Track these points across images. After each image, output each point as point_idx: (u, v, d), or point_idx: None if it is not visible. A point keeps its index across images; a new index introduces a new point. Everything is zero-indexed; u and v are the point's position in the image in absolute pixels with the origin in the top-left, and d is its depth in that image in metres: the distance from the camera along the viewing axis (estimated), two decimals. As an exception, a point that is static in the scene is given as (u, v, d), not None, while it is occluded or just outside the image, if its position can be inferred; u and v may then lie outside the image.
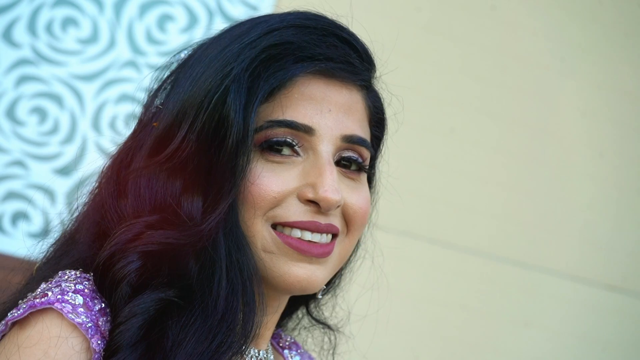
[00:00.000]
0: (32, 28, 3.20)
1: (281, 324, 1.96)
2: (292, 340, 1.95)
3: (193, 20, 3.30)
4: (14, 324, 1.55)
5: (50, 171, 3.15)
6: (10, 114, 3.16)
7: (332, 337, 1.98)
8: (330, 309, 1.96)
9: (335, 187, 1.62)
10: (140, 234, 1.56)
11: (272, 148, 1.65)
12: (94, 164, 1.75)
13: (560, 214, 3.63)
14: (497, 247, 3.56)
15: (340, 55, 1.68)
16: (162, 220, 1.58)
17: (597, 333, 3.62)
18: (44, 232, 3.03)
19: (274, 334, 1.93)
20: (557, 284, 3.60)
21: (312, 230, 1.65)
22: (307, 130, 1.65)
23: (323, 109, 1.66)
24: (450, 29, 3.55)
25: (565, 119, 3.64)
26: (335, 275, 1.88)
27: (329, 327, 1.96)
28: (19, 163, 3.15)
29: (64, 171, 3.15)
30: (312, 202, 1.64)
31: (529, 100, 3.61)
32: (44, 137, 3.18)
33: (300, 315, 1.96)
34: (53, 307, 1.51)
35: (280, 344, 1.93)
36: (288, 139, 1.65)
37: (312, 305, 1.94)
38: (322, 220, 1.65)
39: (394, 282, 3.29)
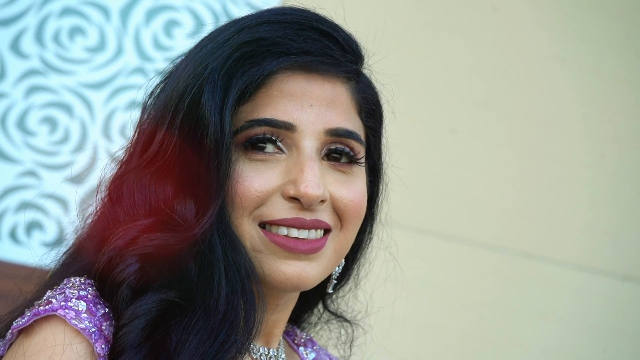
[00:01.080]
0: (39, 38, 3.21)
1: (301, 319, 1.95)
2: (308, 337, 1.94)
3: (199, 24, 3.30)
4: (20, 332, 1.56)
5: (63, 180, 3.17)
6: (21, 124, 3.18)
7: (350, 330, 1.97)
8: (349, 301, 1.96)
9: (315, 182, 1.61)
10: (136, 237, 1.57)
11: (255, 146, 1.64)
12: (106, 171, 1.76)
13: (571, 205, 3.62)
14: (510, 240, 3.56)
15: (319, 48, 1.65)
16: (157, 223, 1.58)
17: (614, 323, 3.62)
18: (58, 241, 3.04)
19: (288, 331, 1.92)
20: (572, 275, 3.59)
21: (298, 227, 1.63)
22: (288, 127, 1.63)
23: (304, 104, 1.64)
24: (453, 29, 3.55)
25: (568, 111, 3.65)
26: (349, 269, 1.87)
27: (346, 320, 1.96)
28: (31, 173, 3.17)
29: (76, 180, 3.17)
30: (295, 199, 1.63)
31: (532, 94, 3.61)
32: (55, 147, 3.19)
33: (321, 310, 1.95)
34: (56, 313, 1.52)
35: (295, 341, 1.93)
36: (268, 135, 1.63)
37: (329, 300, 1.93)
38: (307, 216, 1.63)
39: (408, 278, 3.30)
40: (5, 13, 3.20)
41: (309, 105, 1.65)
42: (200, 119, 1.60)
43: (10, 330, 1.58)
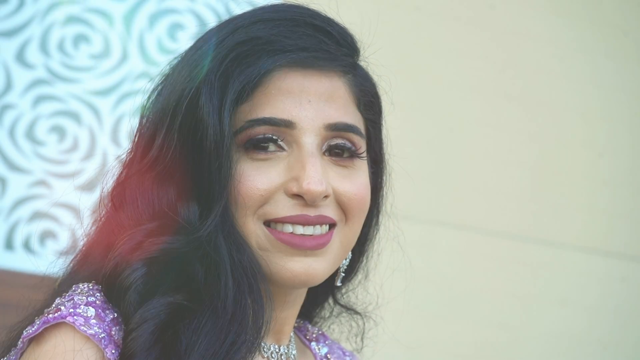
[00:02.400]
0: (44, 48, 3.22)
1: (312, 314, 1.95)
2: (320, 332, 1.94)
3: (203, 27, 3.31)
4: (30, 340, 1.57)
5: (74, 188, 3.17)
6: (30, 134, 3.19)
7: (361, 322, 1.97)
8: (359, 294, 1.96)
9: (318, 178, 1.61)
10: (141, 242, 1.58)
11: (257, 146, 1.64)
12: (108, 177, 1.77)
13: (587, 191, 3.62)
14: (517, 227, 3.56)
15: (314, 44, 1.65)
16: (161, 227, 1.59)
17: (633, 306, 3.61)
18: (70, 249, 3.05)
19: (300, 327, 1.92)
20: (588, 260, 3.59)
21: (303, 224, 1.64)
22: (288, 124, 1.63)
23: (302, 101, 1.64)
24: (451, 27, 3.56)
25: (569, 100, 3.65)
26: (357, 262, 1.87)
27: (356, 312, 1.96)
28: (42, 183, 3.18)
29: (87, 187, 3.17)
30: (299, 196, 1.63)
31: (534, 83, 3.62)
32: (65, 155, 3.20)
33: (332, 304, 1.95)
34: (65, 321, 1.53)
35: (307, 337, 1.92)
36: (268, 135, 1.64)
37: (339, 293, 1.93)
38: (311, 212, 1.64)
39: (425, 270, 3.31)
40: (9, 24, 3.21)
41: (307, 101, 1.65)
42: (199, 121, 1.61)
43: (21, 339, 1.58)
